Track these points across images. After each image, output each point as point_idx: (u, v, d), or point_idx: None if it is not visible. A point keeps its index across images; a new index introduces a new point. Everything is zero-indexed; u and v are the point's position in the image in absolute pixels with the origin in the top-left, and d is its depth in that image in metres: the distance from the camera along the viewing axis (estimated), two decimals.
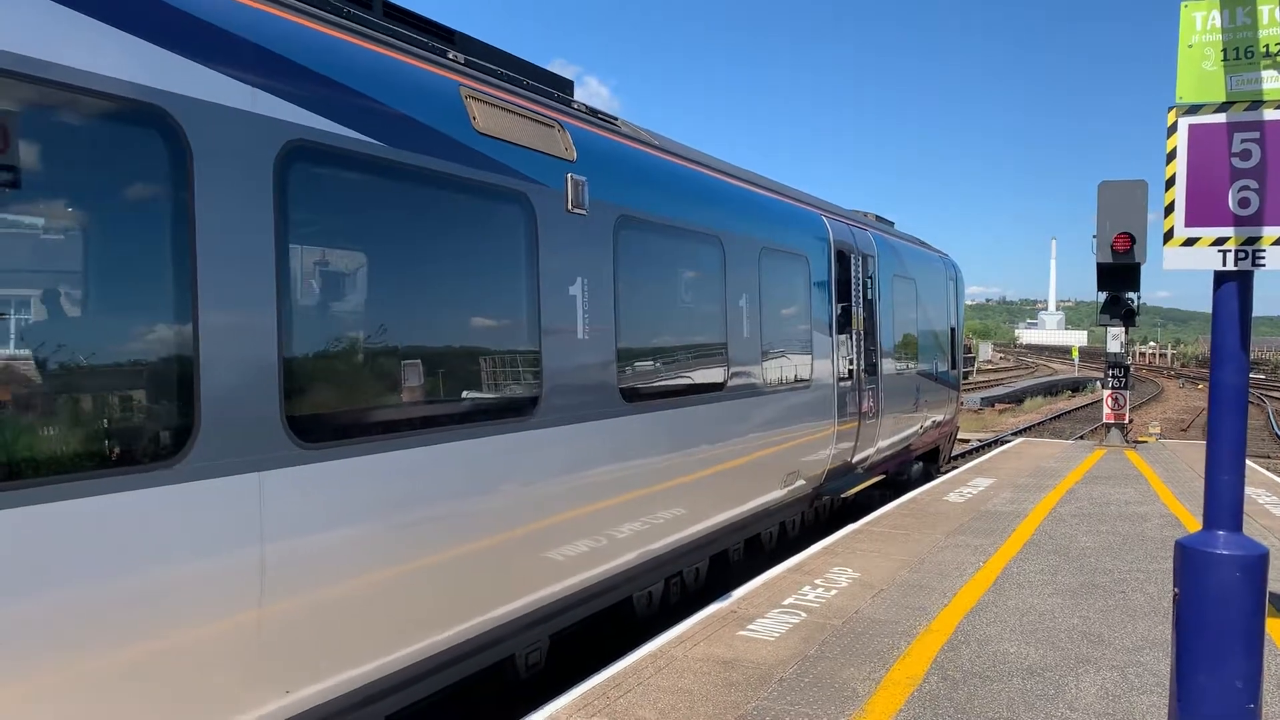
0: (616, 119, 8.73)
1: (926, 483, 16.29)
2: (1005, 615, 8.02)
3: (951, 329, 19.18)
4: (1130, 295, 19.60)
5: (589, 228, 7.28)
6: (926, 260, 17.83)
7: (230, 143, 4.50)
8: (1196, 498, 9.19)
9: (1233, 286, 4.57)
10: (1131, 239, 17.35)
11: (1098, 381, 44.78)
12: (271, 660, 4.65)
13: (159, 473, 4.09)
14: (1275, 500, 13.75)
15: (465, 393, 6.11)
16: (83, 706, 3.88)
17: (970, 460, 20.30)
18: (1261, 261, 4.49)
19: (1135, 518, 12.40)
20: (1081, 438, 27.65)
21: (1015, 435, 28.79)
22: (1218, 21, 4.48)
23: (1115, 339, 20.92)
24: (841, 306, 12.76)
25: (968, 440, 26.51)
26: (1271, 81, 4.40)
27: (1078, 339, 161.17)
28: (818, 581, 9.05)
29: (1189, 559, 4.55)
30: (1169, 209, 4.65)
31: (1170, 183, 4.64)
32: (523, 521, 6.46)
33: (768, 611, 8.07)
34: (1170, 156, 4.64)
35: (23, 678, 3.66)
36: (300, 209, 4.90)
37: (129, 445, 4.07)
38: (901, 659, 6.94)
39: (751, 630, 7.57)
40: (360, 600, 5.16)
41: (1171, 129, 4.63)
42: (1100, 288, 19.30)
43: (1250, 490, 14.37)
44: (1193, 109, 4.60)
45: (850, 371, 12.93)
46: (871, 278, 14.02)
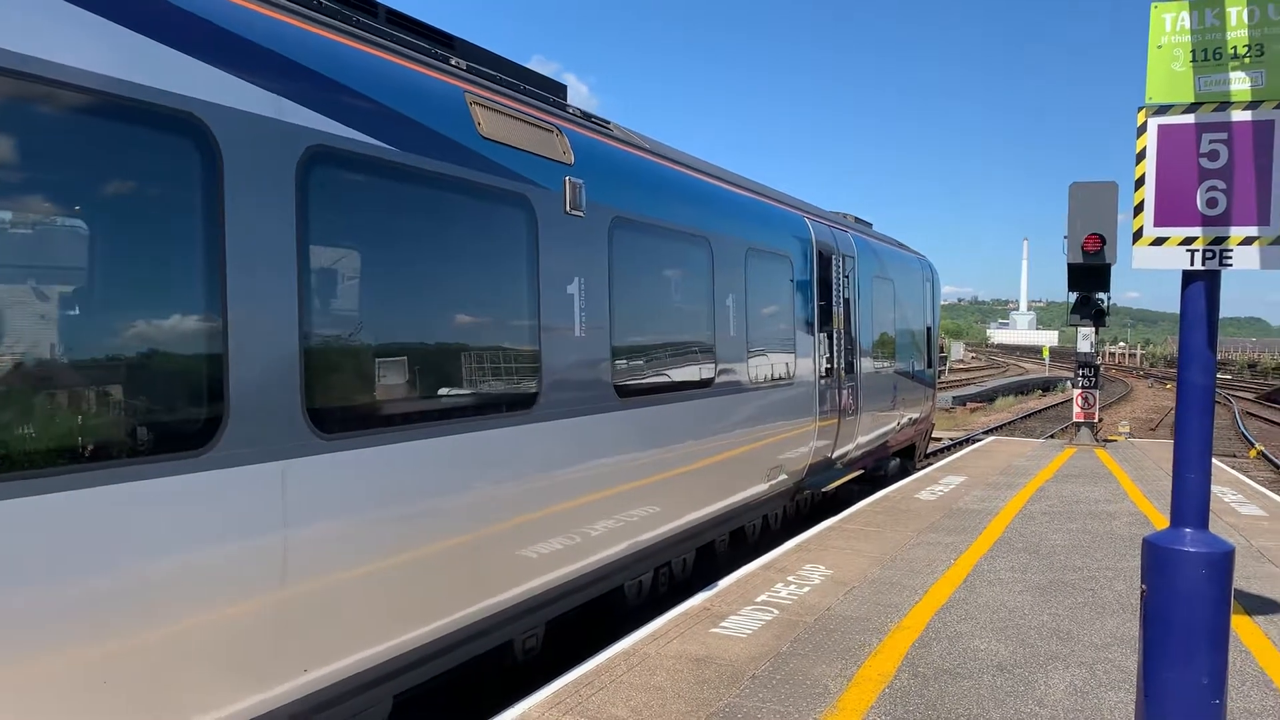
0: (609, 122, 8.94)
1: (903, 478, 16.52)
2: (976, 612, 8.07)
3: (928, 328, 19.48)
4: (1100, 296, 19.81)
5: (585, 229, 7.53)
6: (904, 261, 18.08)
7: (257, 148, 4.73)
8: (1164, 496, 9.28)
9: (1200, 286, 4.61)
10: (1102, 240, 17.54)
11: (1068, 381, 45.18)
12: (292, 640, 4.87)
13: (190, 460, 4.32)
14: (1241, 498, 13.93)
15: (470, 387, 6.33)
16: (116, 681, 4.06)
17: (942, 458, 20.43)
18: (1229, 261, 4.53)
19: (1104, 515, 12.52)
20: (1052, 436, 27.91)
21: (986, 434, 29.00)
22: (1187, 23, 4.52)
23: (1085, 339, 21.12)
24: (822, 306, 13.03)
25: (940, 439, 26.67)
26: (1239, 83, 4.44)
27: (1049, 339, 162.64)
28: (790, 579, 9.07)
29: (1156, 556, 4.58)
30: (1138, 208, 4.68)
31: (1140, 182, 4.67)
32: (522, 512, 6.68)
33: (741, 609, 8.08)
34: (1140, 156, 4.67)
35: (78, 649, 3.91)
36: (319, 211, 5.11)
37: (164, 434, 4.28)
38: (873, 656, 6.97)
39: (724, 627, 7.58)
40: (373, 584, 5.38)
41: (1141, 129, 4.66)
42: (1071, 288, 19.50)
43: (1217, 489, 14.54)
44: (1162, 109, 4.64)
45: (831, 369, 13.22)
46: (851, 278, 14.28)
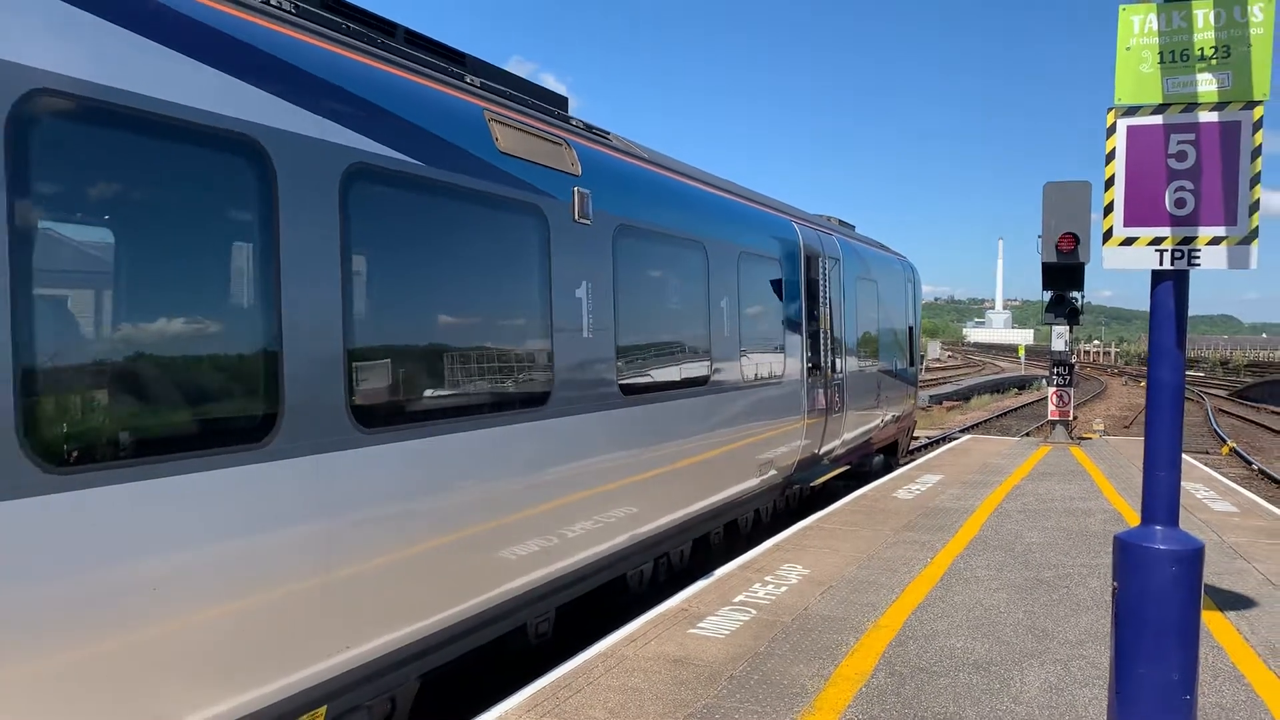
0: (609, 133, 9.34)
1: (887, 474, 16.91)
2: (952, 611, 8.11)
3: (909, 328, 19.94)
4: (1075, 294, 19.96)
5: (592, 236, 7.98)
6: (886, 262, 18.50)
7: (306, 166, 5.16)
8: (1138, 492, 9.39)
9: (1169, 285, 4.65)
10: (1076, 239, 17.67)
11: (1043, 379, 45.53)
12: (336, 618, 5.31)
13: (252, 452, 4.74)
14: (1214, 495, 14.06)
15: (491, 386, 6.75)
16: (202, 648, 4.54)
17: (919, 457, 20.53)
18: (1197, 261, 4.57)
19: (1079, 513, 12.62)
20: (1027, 434, 28.11)
21: (963, 432, 29.16)
22: (1155, 25, 4.56)
23: (1060, 337, 21.29)
24: (810, 307, 13.46)
25: (917, 437, 26.80)
26: (1206, 84, 4.49)
27: (1024, 337, 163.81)
28: (768, 579, 9.09)
29: (1127, 553, 4.62)
30: (1108, 209, 4.72)
31: (1109, 183, 4.72)
32: (536, 503, 7.11)
33: (718, 609, 8.09)
34: (1109, 157, 4.71)
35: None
36: (358, 223, 5.53)
37: (232, 429, 4.74)
38: (850, 655, 6.99)
39: (702, 628, 7.58)
40: (405, 569, 5.80)
41: (1110, 130, 4.71)
42: (1045, 287, 19.63)
43: (1190, 485, 14.68)
44: (1131, 110, 4.68)
45: (817, 368, 13.65)
46: (836, 280, 14.71)
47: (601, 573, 8.23)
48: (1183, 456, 17.39)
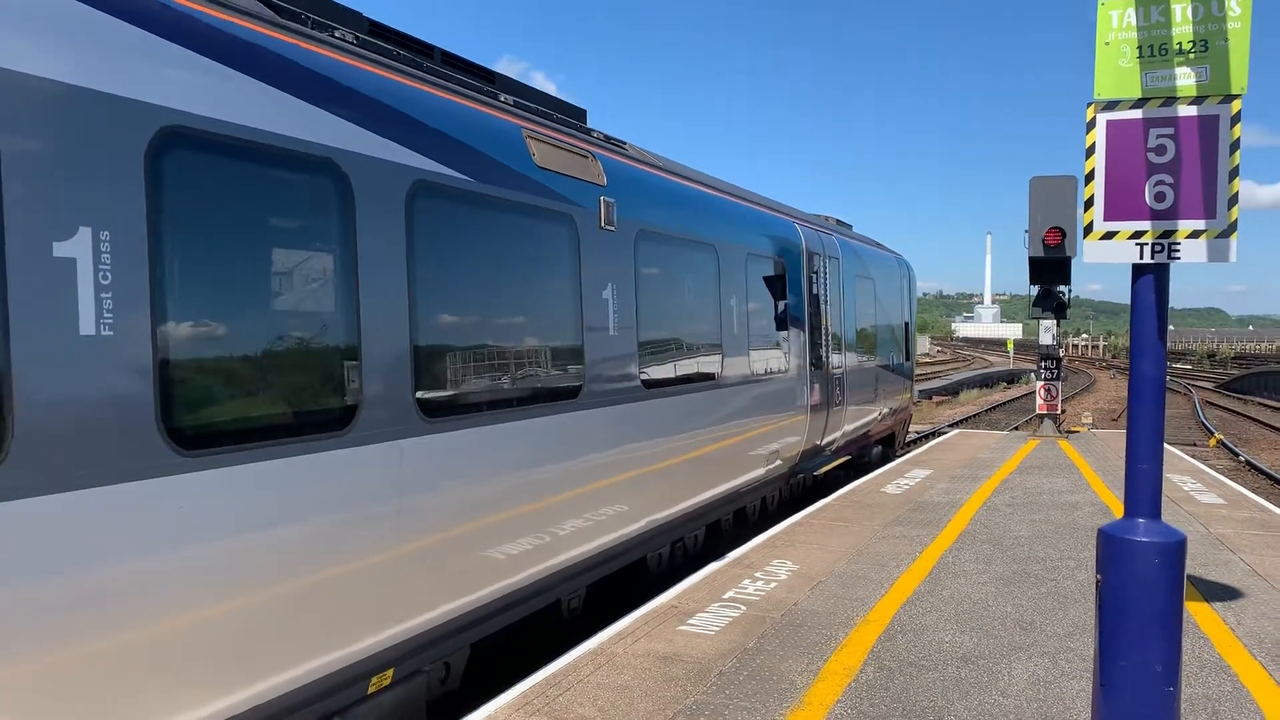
0: (625, 143, 9.89)
1: (884, 464, 17.51)
2: (941, 605, 8.14)
3: (905, 324, 20.46)
4: (1062, 288, 20.03)
5: (616, 242, 8.56)
6: (883, 261, 19.00)
7: (381, 185, 5.77)
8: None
9: (1150, 279, 4.67)
10: (1062, 233, 17.72)
11: (1031, 373, 45.70)
12: (403, 589, 5.88)
13: (336, 438, 5.38)
14: (1201, 487, 14.14)
15: (532, 381, 7.35)
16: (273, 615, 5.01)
17: (908, 452, 20.58)
18: (1177, 254, 4.60)
19: (1067, 506, 12.67)
20: (1016, 429, 28.20)
21: (951, 427, 29.25)
22: (1133, 19, 4.58)
23: (1047, 331, 21.36)
24: (812, 304, 14.04)
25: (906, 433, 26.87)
26: (1185, 78, 4.51)
27: (1013, 332, 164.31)
28: (758, 574, 9.11)
29: (1110, 546, 4.65)
30: (1089, 203, 4.73)
31: (1090, 177, 4.74)
32: (568, 488, 7.70)
33: (708, 605, 8.11)
34: (1090, 151, 4.73)
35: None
36: (421, 235, 6.12)
37: (323, 419, 5.34)
38: (839, 650, 7.01)
39: (691, 625, 7.60)
40: (459, 546, 6.39)
41: (1090, 124, 4.72)
42: (1033, 281, 19.70)
43: (1176, 478, 14.76)
44: (1110, 105, 4.70)
45: (819, 363, 14.25)
46: (836, 278, 15.28)
47: (626, 554, 8.83)
48: (1171, 449, 17.45)
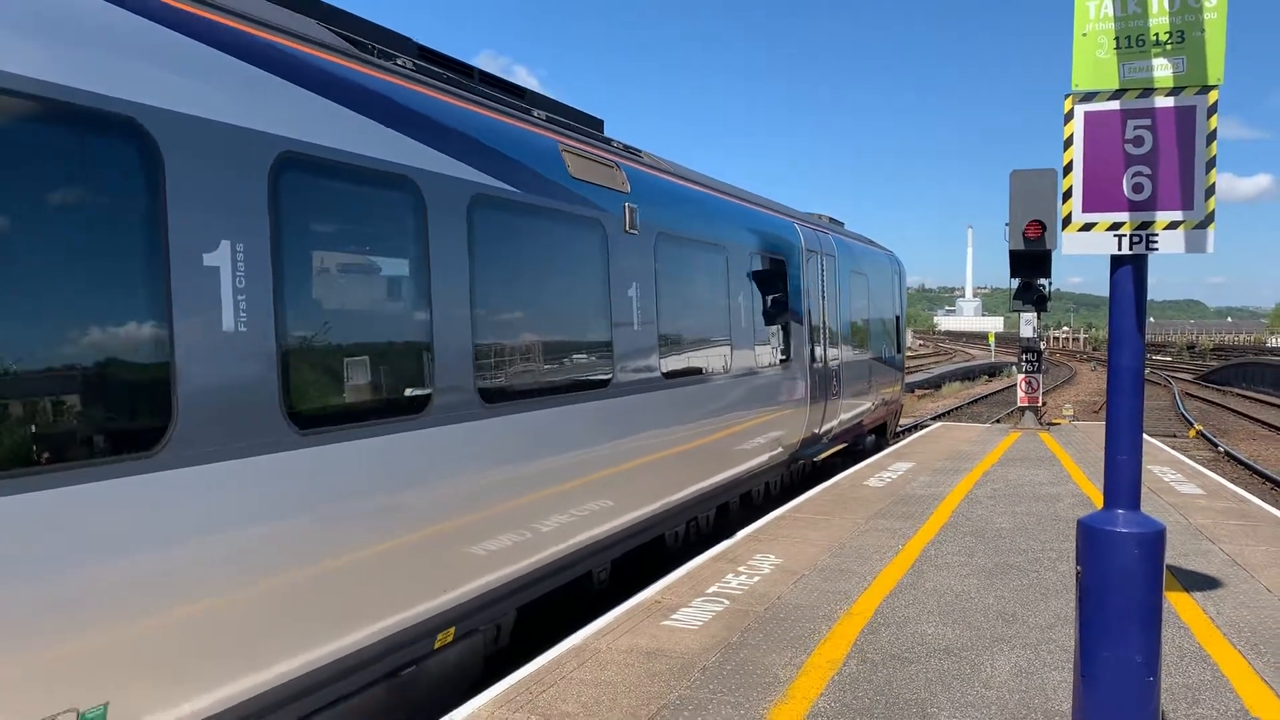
0: (640, 151, 10.60)
1: (877, 452, 18.33)
2: (923, 597, 8.16)
3: (896, 318, 21.44)
4: (1042, 281, 20.07)
5: (639, 244, 9.33)
6: (875, 257, 19.87)
7: (447, 200, 6.55)
8: None
9: (1128, 270, 4.68)
10: (1042, 226, 17.75)
11: (1013, 366, 45.91)
12: (465, 556, 6.61)
13: (413, 420, 6.10)
14: (1181, 478, 14.23)
15: (569, 371, 8.13)
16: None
17: (890, 445, 20.65)
18: (1155, 245, 4.61)
19: (1048, 498, 12.73)
20: (998, 421, 28.33)
21: (934, 420, 29.38)
22: (1110, 10, 4.58)
23: (1028, 324, 21.44)
24: (811, 300, 14.88)
25: None
26: (1162, 69, 4.52)
27: (995, 325, 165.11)
28: (741, 569, 9.11)
29: (1090, 537, 4.66)
30: (1067, 194, 4.74)
31: (1068, 169, 4.74)
32: (597, 469, 8.41)
33: (691, 600, 8.10)
34: (1068, 143, 4.73)
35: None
36: (479, 242, 6.86)
37: (404, 405, 6.10)
38: (822, 643, 7.02)
39: (675, 620, 7.59)
40: (508, 518, 7.11)
41: (1068, 116, 4.72)
42: (1013, 274, 19.73)
43: (1156, 468, 14.86)
44: (1088, 96, 4.70)
45: (818, 356, 15.08)
46: (833, 275, 16.14)
47: (647, 531, 9.62)
48: (1150, 440, 17.56)
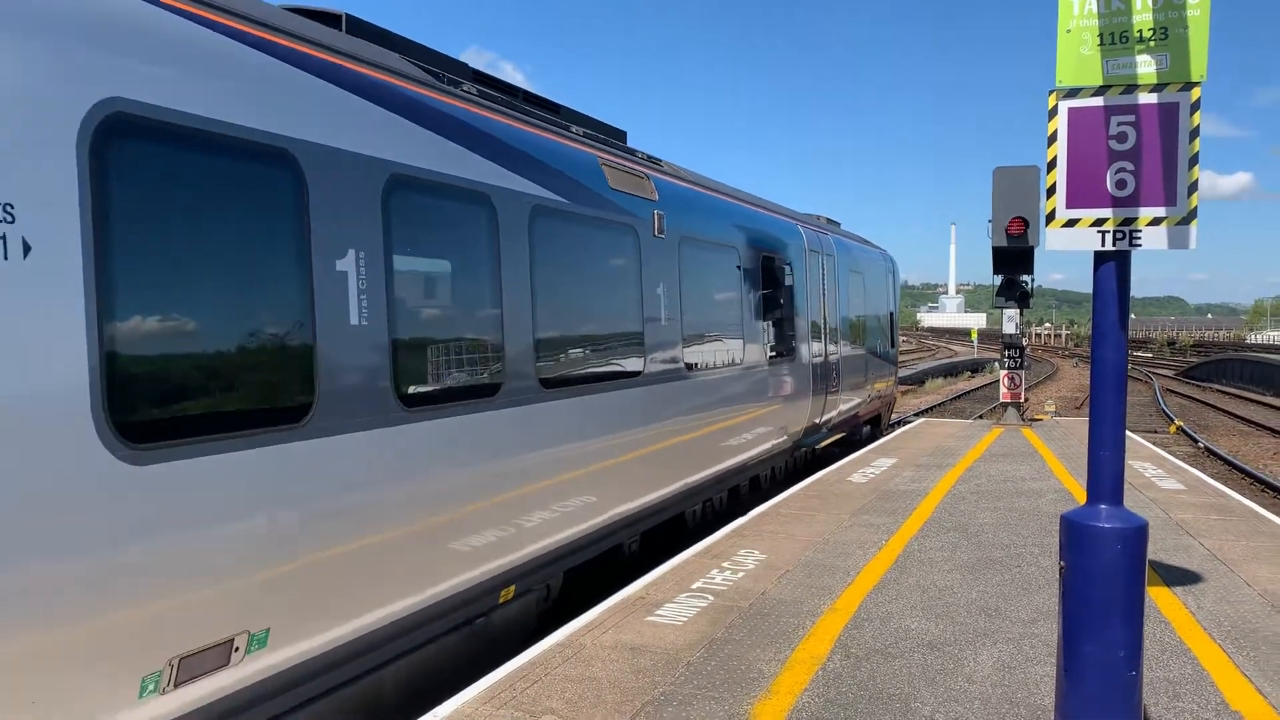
0: (660, 161, 11.47)
1: (873, 441, 19.11)
2: (907, 592, 8.19)
3: (890, 314, 22.30)
4: (1025, 278, 20.19)
5: (666, 247, 10.30)
6: (871, 256, 20.75)
7: (514, 212, 7.52)
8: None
9: (1112, 266, 4.70)
10: (1025, 223, 17.87)
11: (995, 362, 46.10)
12: (524, 523, 7.54)
13: (488, 401, 7.10)
14: (1162, 473, 14.33)
15: (610, 363, 9.18)
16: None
17: (874, 440, 20.71)
18: (1138, 241, 4.63)
19: (1031, 493, 12.79)
20: (980, 417, 28.44)
21: (917, 416, 29.45)
22: (1094, 6, 4.60)
23: (1011, 321, 21.53)
24: (813, 297, 15.74)
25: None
26: (1145, 66, 4.53)
27: (977, 321, 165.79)
28: (725, 564, 9.11)
29: (1073, 532, 4.68)
30: (1051, 191, 4.75)
31: (1052, 165, 4.75)
32: (630, 450, 9.33)
33: (676, 596, 8.10)
34: (1051, 139, 4.74)
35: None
36: (538, 247, 7.82)
37: (481, 391, 7.08)
38: (806, 639, 7.03)
39: (659, 615, 7.58)
40: (559, 491, 8.05)
41: (1052, 112, 4.74)
42: (996, 271, 19.84)
43: (1138, 464, 14.95)
44: (1072, 92, 4.72)
45: (819, 350, 15.98)
46: (832, 273, 17.03)
47: (670, 508, 10.60)
48: (1132, 436, 17.62)
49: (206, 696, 4.82)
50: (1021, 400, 21.98)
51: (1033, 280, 20.37)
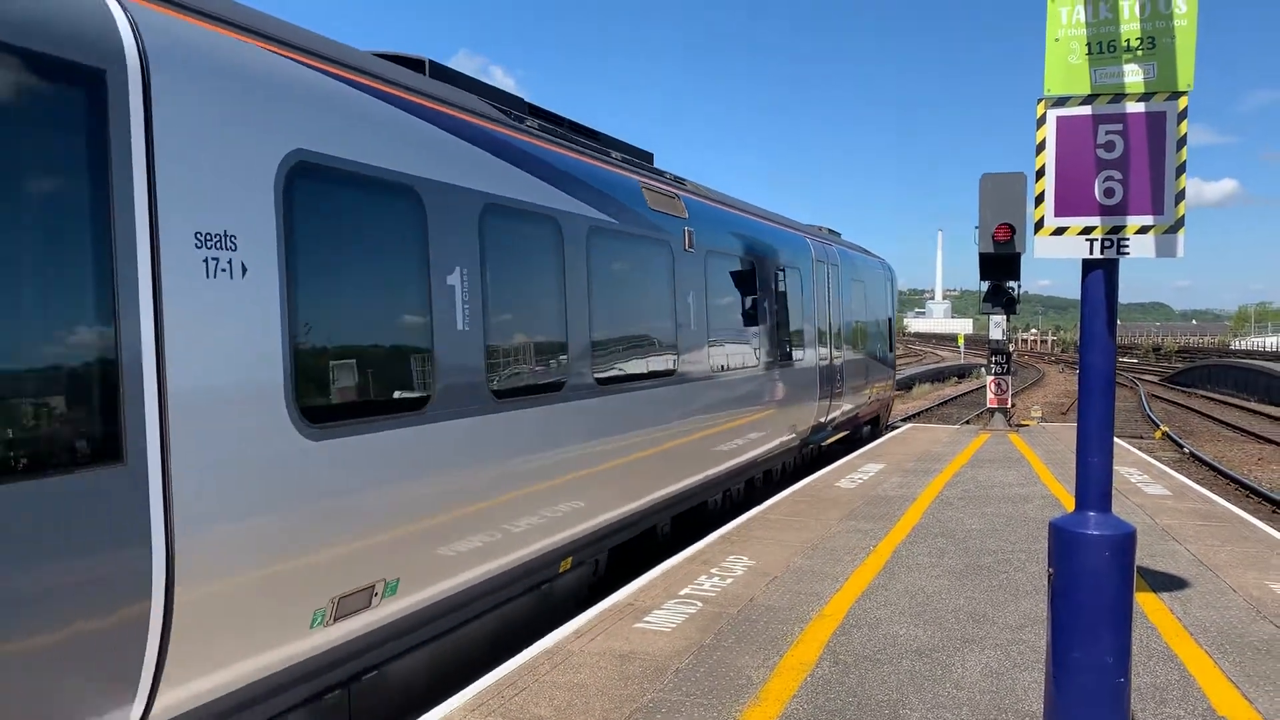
0: (684, 180, 12.55)
1: (872, 441, 20.11)
2: (895, 598, 8.20)
3: (889, 320, 23.42)
4: (1011, 284, 20.22)
5: (695, 260, 11.41)
6: (870, 265, 21.88)
7: (574, 232, 8.59)
8: (1074, 478, 9.59)
9: (1100, 274, 4.72)
10: (1012, 229, 17.89)
11: (982, 368, 46.24)
12: (581, 502, 8.54)
13: (557, 394, 8.14)
14: (1148, 479, 14.39)
15: (650, 364, 10.16)
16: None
17: (861, 446, 20.74)
18: (1126, 249, 4.65)
19: (1018, 499, 12.83)
20: (967, 422, 28.52)
21: (904, 421, 29.50)
22: (1082, 16, 4.62)
23: (997, 326, 21.59)
24: (820, 304, 16.89)
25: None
26: (1133, 75, 4.56)
27: (963, 327, 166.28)
28: (714, 570, 9.11)
29: (1061, 539, 4.69)
30: (1039, 199, 4.77)
31: (1040, 173, 4.77)
32: (664, 441, 10.35)
33: (665, 602, 8.09)
34: (1040, 148, 4.76)
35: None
36: (593, 263, 8.89)
37: (555, 387, 8.16)
38: (795, 645, 7.03)
39: (648, 622, 7.57)
40: (606, 477, 9.07)
41: (1041, 120, 4.76)
42: (983, 277, 19.86)
43: (1124, 470, 15.01)
44: (1060, 101, 4.74)
45: (824, 354, 17.08)
46: (837, 282, 18.20)
47: (695, 496, 11.64)
48: (1118, 441, 17.61)
49: (354, 632, 5.89)
50: (1008, 406, 22.04)
51: (1019, 286, 20.41)
